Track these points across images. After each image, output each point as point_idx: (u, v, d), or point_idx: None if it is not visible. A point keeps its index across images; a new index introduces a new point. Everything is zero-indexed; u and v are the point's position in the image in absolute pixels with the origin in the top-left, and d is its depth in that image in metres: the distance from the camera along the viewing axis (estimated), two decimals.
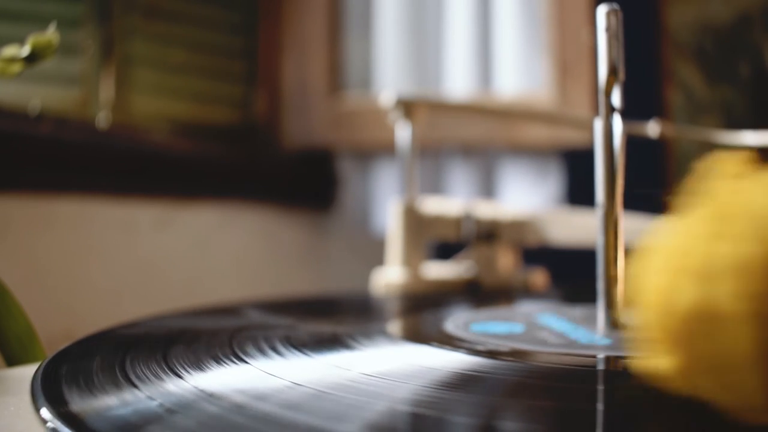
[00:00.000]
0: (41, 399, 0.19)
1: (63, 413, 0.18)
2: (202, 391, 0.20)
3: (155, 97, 0.86)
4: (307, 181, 0.97)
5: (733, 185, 0.17)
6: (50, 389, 0.20)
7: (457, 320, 0.33)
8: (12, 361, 0.33)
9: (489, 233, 0.53)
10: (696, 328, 0.16)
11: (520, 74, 0.87)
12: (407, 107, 0.53)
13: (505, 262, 0.55)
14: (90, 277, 0.73)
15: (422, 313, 0.37)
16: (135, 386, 0.21)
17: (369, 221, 0.95)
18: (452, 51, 0.90)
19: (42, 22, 0.34)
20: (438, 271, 0.54)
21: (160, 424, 0.17)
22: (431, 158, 0.91)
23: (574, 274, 0.56)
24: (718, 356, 0.16)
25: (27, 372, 0.23)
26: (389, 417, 0.18)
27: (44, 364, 0.24)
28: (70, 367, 0.23)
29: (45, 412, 0.18)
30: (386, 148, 0.90)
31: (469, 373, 0.23)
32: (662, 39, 0.84)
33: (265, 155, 0.96)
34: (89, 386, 0.21)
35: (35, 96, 0.73)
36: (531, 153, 0.88)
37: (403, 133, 0.53)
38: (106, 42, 0.81)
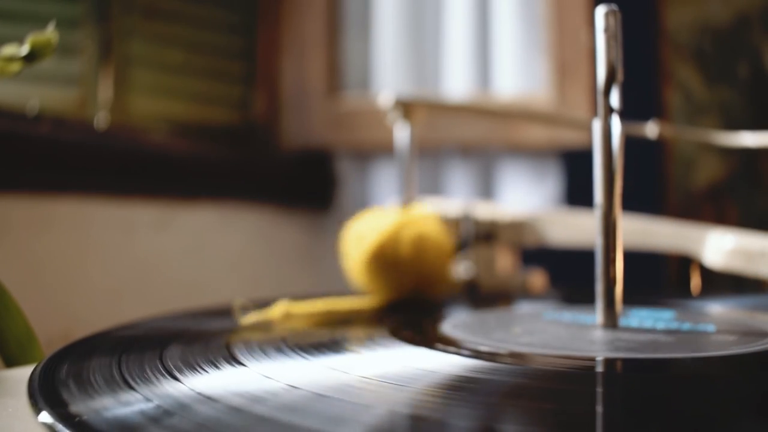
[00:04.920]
0: (40, 400, 0.19)
1: (61, 414, 0.18)
2: (199, 393, 0.20)
3: (154, 98, 0.86)
4: (305, 181, 0.97)
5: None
6: (48, 390, 0.20)
7: (456, 322, 0.33)
8: (10, 362, 0.33)
9: (488, 234, 0.53)
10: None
11: (518, 75, 0.87)
12: (406, 108, 0.53)
13: (504, 263, 0.55)
14: (89, 278, 0.73)
15: (420, 315, 0.37)
16: (132, 388, 0.21)
17: None
18: (451, 51, 0.90)
19: (41, 22, 0.34)
20: None
21: (157, 425, 0.17)
22: (430, 159, 0.91)
23: (573, 275, 0.56)
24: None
25: (25, 373, 0.23)
26: (388, 420, 0.18)
27: (42, 365, 0.24)
28: (67, 369, 0.23)
29: (44, 414, 0.18)
30: (385, 149, 0.90)
31: (468, 375, 0.23)
32: (661, 40, 0.84)
33: (264, 156, 0.96)
34: (87, 387, 0.21)
35: (34, 96, 0.73)
36: (530, 154, 0.88)
37: (401, 133, 0.53)
38: (104, 42, 0.81)
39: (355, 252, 0.44)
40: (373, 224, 0.43)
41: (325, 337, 0.29)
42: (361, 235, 0.44)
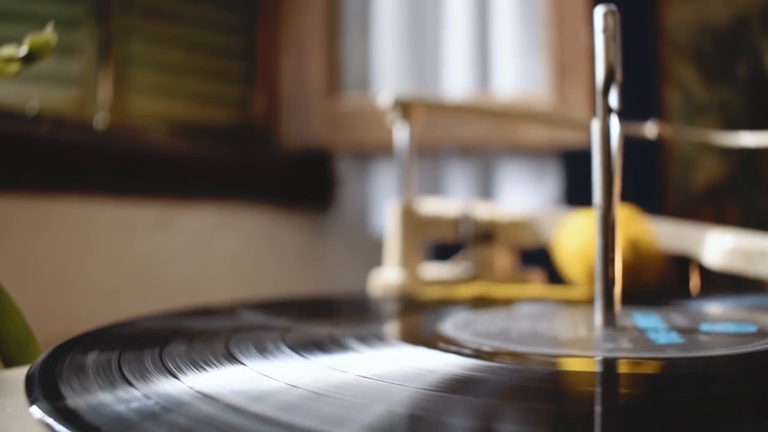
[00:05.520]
0: (37, 394, 0.19)
1: (59, 408, 0.18)
2: (198, 391, 0.20)
3: (153, 98, 0.86)
4: (305, 181, 0.97)
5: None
6: (46, 385, 0.20)
7: (456, 321, 0.33)
8: (9, 363, 0.33)
9: (487, 234, 0.53)
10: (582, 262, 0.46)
11: (518, 75, 0.87)
12: (405, 108, 0.53)
13: (503, 262, 0.55)
14: (88, 278, 0.73)
15: (420, 315, 0.37)
16: (131, 384, 0.21)
17: (367, 222, 0.95)
18: (450, 51, 0.90)
19: (40, 22, 0.34)
20: (436, 272, 0.54)
21: (155, 421, 0.17)
22: (429, 159, 0.91)
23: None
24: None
25: (23, 373, 0.23)
26: (387, 420, 0.18)
27: (40, 360, 0.24)
28: (65, 364, 0.23)
29: (40, 407, 0.18)
30: (384, 149, 0.90)
31: (467, 375, 0.23)
32: (661, 39, 0.84)
33: (264, 156, 0.96)
34: (85, 383, 0.21)
35: (33, 96, 0.73)
36: (529, 154, 0.88)
37: (401, 133, 0.53)
38: (104, 42, 0.81)
39: (572, 246, 0.47)
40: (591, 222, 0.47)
41: (323, 335, 0.29)
42: (580, 230, 0.47)
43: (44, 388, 0.20)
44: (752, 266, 0.43)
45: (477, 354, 0.25)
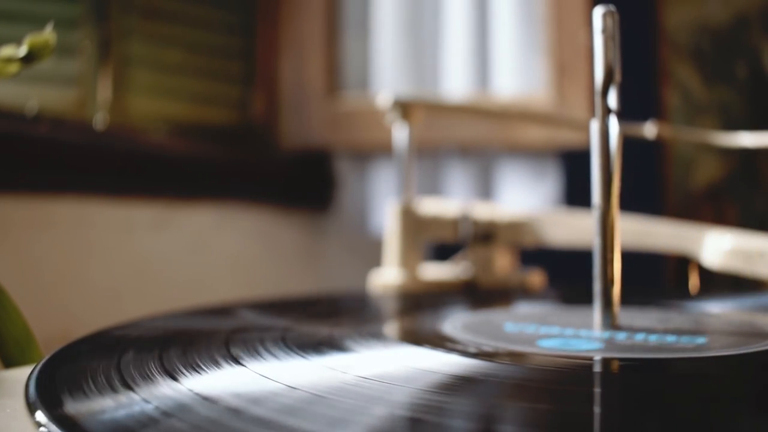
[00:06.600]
0: (36, 401, 0.19)
1: (58, 416, 0.18)
2: (197, 394, 0.20)
3: (153, 98, 0.86)
4: (304, 181, 0.97)
5: None
6: (45, 391, 0.20)
7: (455, 321, 0.33)
8: (9, 363, 0.33)
9: (486, 234, 0.53)
10: None
11: (517, 75, 0.87)
12: (404, 108, 0.53)
13: (503, 263, 0.55)
14: (88, 278, 0.73)
15: (419, 315, 0.37)
16: (130, 388, 0.21)
17: (366, 222, 0.95)
18: (450, 51, 0.90)
19: (39, 23, 0.34)
20: (435, 272, 0.54)
21: (154, 427, 0.17)
22: (429, 159, 0.91)
23: (571, 275, 0.56)
24: None
25: (23, 374, 0.23)
26: (387, 421, 0.18)
27: (39, 366, 0.24)
28: (65, 369, 0.23)
29: (39, 415, 0.18)
30: (384, 149, 0.90)
31: (467, 375, 0.23)
32: (660, 39, 0.84)
33: (263, 156, 0.96)
34: (84, 388, 0.21)
35: (32, 96, 0.73)
36: (528, 154, 0.88)
37: (400, 133, 0.53)
38: (103, 42, 0.81)
39: None
40: None
41: (323, 335, 0.29)
42: None
43: (42, 396, 0.20)
44: (751, 267, 0.44)
45: (477, 354, 0.25)
